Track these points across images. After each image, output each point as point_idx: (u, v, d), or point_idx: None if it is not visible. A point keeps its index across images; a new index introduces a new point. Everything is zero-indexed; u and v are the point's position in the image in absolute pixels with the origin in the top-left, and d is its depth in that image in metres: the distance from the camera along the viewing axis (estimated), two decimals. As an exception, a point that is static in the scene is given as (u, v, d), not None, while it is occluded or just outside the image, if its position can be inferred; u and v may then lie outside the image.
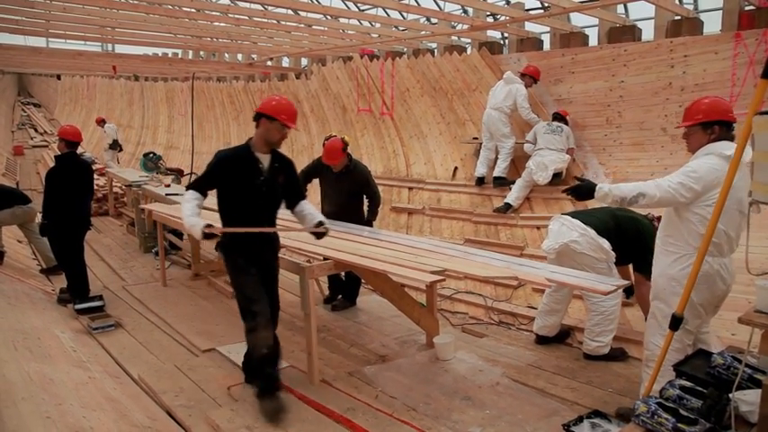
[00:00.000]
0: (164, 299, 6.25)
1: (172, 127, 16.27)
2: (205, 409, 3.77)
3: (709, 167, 3.07)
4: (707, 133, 3.19)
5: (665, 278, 3.27)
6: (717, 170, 3.04)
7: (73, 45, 12.14)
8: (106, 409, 3.59)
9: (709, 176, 3.05)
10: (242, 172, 3.68)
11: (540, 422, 3.59)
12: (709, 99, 3.29)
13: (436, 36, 8.77)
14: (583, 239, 4.26)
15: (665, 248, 3.30)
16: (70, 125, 6.46)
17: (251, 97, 12.91)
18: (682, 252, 3.19)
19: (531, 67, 7.22)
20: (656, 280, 3.38)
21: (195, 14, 7.30)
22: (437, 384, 4.12)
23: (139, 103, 18.04)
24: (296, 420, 3.60)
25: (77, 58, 10.87)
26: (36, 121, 21.21)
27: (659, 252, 3.37)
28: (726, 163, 2.94)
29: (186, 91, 14.51)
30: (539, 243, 6.37)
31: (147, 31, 8.77)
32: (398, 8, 7.38)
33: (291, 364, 4.50)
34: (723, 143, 3.15)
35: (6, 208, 7.05)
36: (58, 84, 23.10)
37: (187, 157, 12.80)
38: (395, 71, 9.53)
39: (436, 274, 3.67)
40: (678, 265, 3.20)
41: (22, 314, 5.32)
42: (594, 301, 4.39)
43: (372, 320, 5.65)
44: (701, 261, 2.69)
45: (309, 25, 8.60)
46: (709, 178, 3.05)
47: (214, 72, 12.83)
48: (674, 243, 3.24)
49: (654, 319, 3.39)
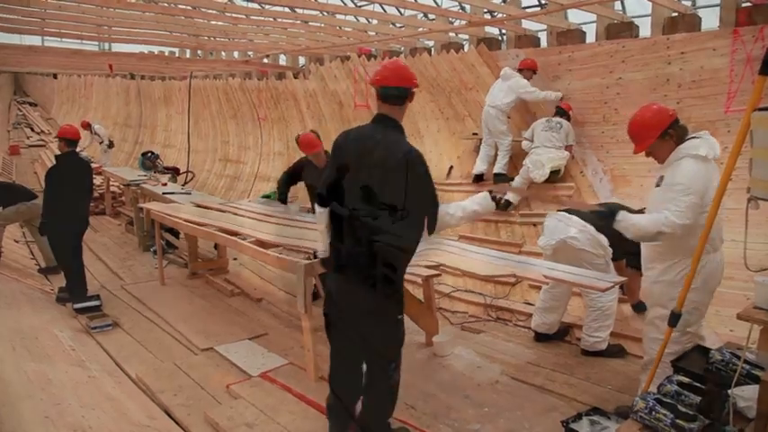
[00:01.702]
0: (162, 298, 6.24)
1: (169, 125, 16.23)
2: (204, 408, 3.77)
3: (693, 175, 3.10)
4: (666, 140, 3.25)
5: (662, 284, 3.30)
6: (700, 174, 3.10)
7: (69, 44, 12.10)
8: (105, 408, 3.59)
9: (698, 185, 3.08)
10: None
11: (538, 418, 3.60)
12: (648, 111, 3.34)
13: (433, 33, 8.75)
14: (582, 236, 4.27)
15: (657, 256, 3.34)
16: (69, 125, 6.46)
17: (248, 95, 12.88)
18: (678, 258, 3.21)
19: (527, 61, 7.19)
20: (651, 288, 3.41)
21: (191, 12, 7.26)
22: (436, 382, 4.13)
23: (136, 102, 17.97)
24: (295, 417, 3.60)
25: (73, 56, 10.84)
26: (32, 120, 21.13)
27: (651, 260, 3.39)
28: (702, 163, 3.11)
29: (183, 89, 14.47)
30: (536, 240, 6.37)
31: (144, 29, 8.73)
32: (396, 4, 7.37)
33: (290, 361, 4.50)
34: (690, 142, 3.20)
35: (10, 205, 7.03)
36: (55, 83, 22.99)
37: (183, 156, 12.79)
38: (392, 69, 9.50)
39: (431, 268, 3.66)
40: (675, 269, 3.23)
41: (20, 314, 5.31)
42: (592, 297, 4.41)
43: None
44: (698, 260, 2.71)
45: (306, 21, 8.58)
46: (699, 186, 3.08)
47: (210, 70, 12.79)
48: (665, 252, 3.28)
49: (652, 326, 3.39)
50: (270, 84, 12.20)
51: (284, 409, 3.73)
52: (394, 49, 9.88)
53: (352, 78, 10.29)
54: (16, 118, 21.67)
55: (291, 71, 11.78)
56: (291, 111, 11.79)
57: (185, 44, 9.91)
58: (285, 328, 5.37)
